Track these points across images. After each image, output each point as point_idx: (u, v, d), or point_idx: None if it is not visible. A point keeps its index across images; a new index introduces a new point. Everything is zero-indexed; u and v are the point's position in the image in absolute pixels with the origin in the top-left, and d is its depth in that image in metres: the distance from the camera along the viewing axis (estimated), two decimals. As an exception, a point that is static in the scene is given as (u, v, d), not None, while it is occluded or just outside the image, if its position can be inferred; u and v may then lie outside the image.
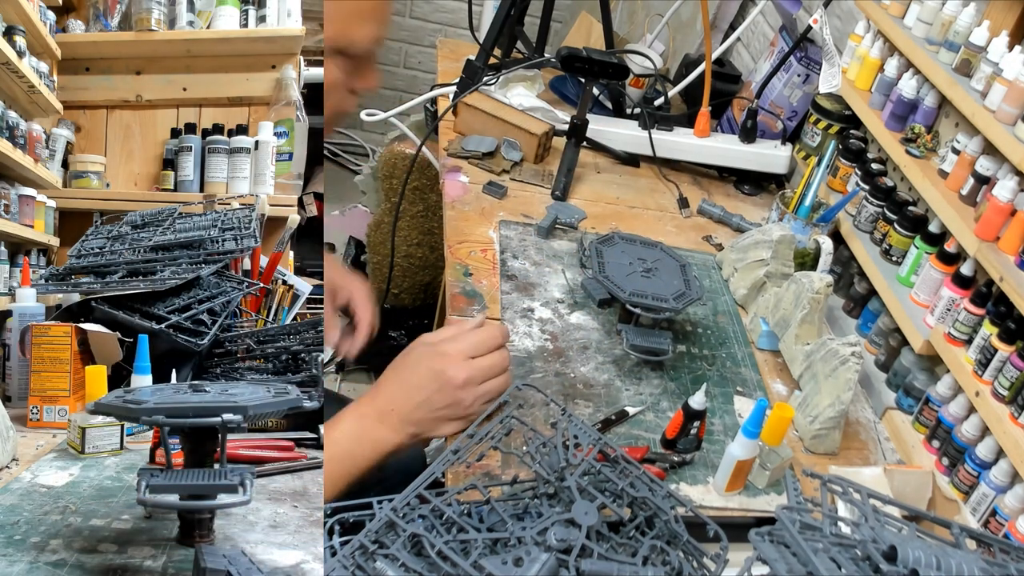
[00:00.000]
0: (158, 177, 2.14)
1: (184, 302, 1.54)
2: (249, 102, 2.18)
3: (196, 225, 1.71)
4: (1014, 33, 1.21)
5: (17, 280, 1.89)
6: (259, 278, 1.81)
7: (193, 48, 2.13)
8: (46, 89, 1.97)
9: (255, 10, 2.13)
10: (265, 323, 1.78)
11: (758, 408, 1.00)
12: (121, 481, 1.12)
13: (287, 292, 1.86)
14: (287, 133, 2.14)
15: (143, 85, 2.16)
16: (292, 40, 2.14)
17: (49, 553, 0.87)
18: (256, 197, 1.97)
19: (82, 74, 2.15)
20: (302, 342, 1.51)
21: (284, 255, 1.91)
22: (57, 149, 2.09)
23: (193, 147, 2.08)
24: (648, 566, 0.73)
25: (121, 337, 1.44)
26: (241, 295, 1.66)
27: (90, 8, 2.14)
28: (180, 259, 1.61)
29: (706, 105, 1.72)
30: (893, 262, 1.38)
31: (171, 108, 2.18)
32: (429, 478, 0.80)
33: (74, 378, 1.37)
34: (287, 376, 1.48)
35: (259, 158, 2.07)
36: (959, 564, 0.68)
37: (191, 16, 2.12)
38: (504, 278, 1.34)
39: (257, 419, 0.94)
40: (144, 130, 2.18)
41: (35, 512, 0.98)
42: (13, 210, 1.88)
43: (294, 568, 0.89)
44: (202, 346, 1.47)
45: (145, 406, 0.87)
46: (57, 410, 1.36)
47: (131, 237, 1.71)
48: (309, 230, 2.10)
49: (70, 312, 1.51)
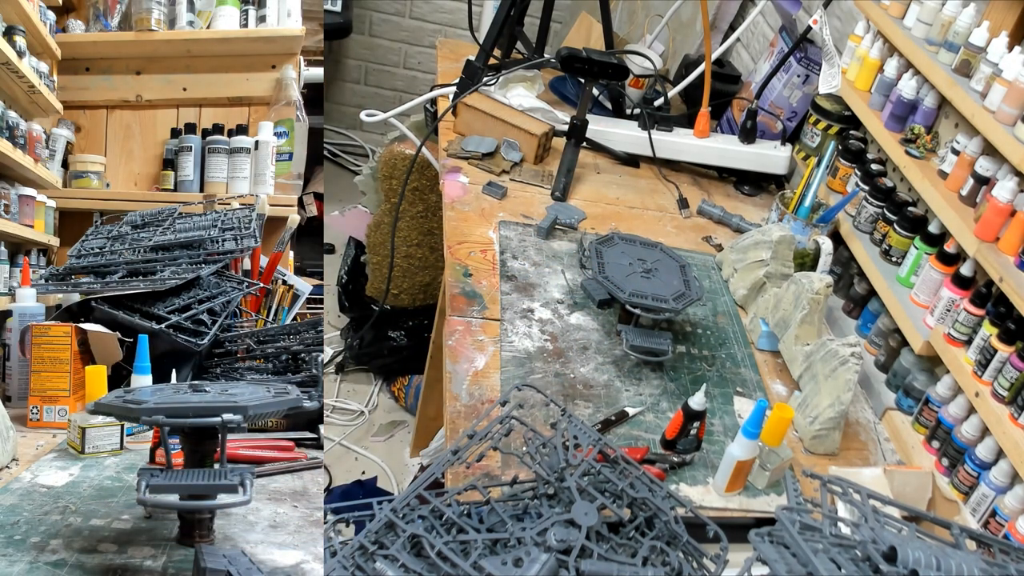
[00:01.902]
0: (158, 177, 2.14)
1: (184, 302, 1.54)
2: (249, 102, 2.18)
3: (196, 225, 1.71)
4: (1014, 34, 1.21)
5: (17, 280, 1.89)
6: (259, 278, 1.81)
7: (193, 48, 2.13)
8: (46, 89, 1.97)
9: (255, 10, 2.13)
10: (265, 323, 1.78)
11: (758, 409, 1.00)
12: (121, 481, 1.12)
13: (287, 292, 1.86)
14: (287, 133, 2.14)
15: (143, 85, 2.16)
16: (292, 40, 2.14)
17: (49, 553, 0.87)
18: (256, 197, 1.97)
19: (82, 74, 2.15)
20: (302, 342, 1.51)
21: (284, 255, 1.91)
22: (57, 149, 2.09)
23: (193, 147, 2.08)
24: (648, 566, 0.73)
25: (121, 337, 1.44)
26: (241, 295, 1.66)
27: (90, 8, 2.14)
28: (180, 259, 1.61)
29: (706, 105, 1.72)
30: (893, 263, 1.38)
31: (171, 108, 2.18)
32: (429, 478, 0.80)
33: (74, 378, 1.37)
34: (287, 376, 1.48)
35: (259, 158, 2.08)
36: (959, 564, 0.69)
37: (191, 16, 2.12)
38: (504, 279, 1.34)
39: (257, 419, 0.94)
40: (144, 130, 2.18)
41: (35, 512, 0.98)
42: (13, 210, 1.88)
43: (294, 568, 0.89)
44: (202, 346, 1.47)
45: (145, 406, 0.87)
46: (57, 410, 1.36)
47: (131, 237, 1.71)
48: (309, 230, 2.11)
49: (70, 312, 1.51)
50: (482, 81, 1.63)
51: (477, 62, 1.66)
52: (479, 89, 1.64)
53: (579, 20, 2.19)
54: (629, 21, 2.38)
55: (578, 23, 2.19)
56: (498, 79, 1.68)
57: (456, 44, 2.13)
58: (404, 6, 3.18)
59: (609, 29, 1.88)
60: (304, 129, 2.16)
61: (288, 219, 1.95)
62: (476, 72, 1.65)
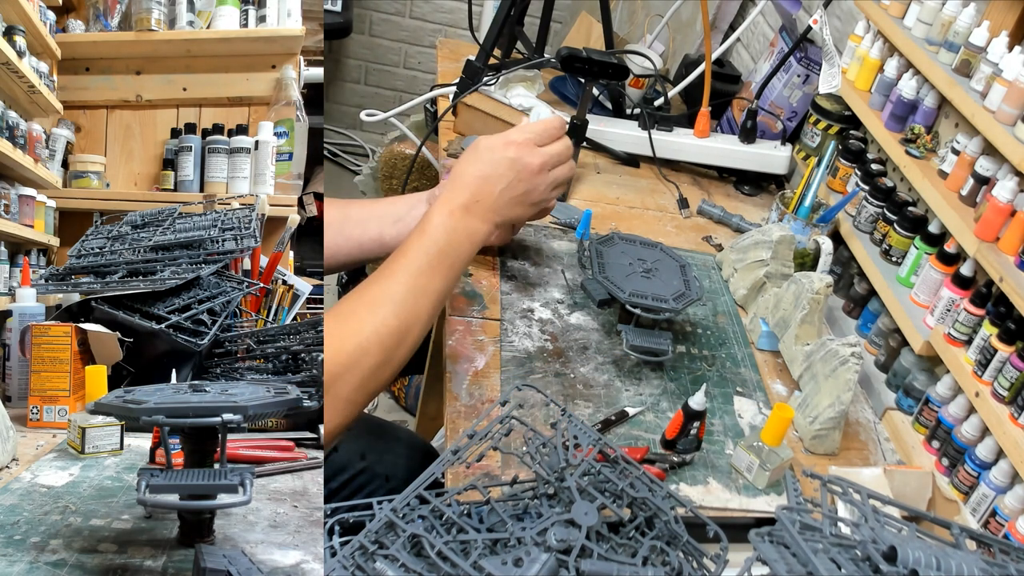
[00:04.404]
0: (158, 177, 2.14)
1: (184, 302, 1.54)
2: (249, 102, 2.18)
3: (196, 225, 1.71)
4: (1014, 33, 1.21)
5: (17, 280, 1.89)
6: (259, 278, 1.81)
7: (193, 48, 2.13)
8: (46, 89, 1.97)
9: (255, 10, 2.13)
10: (265, 323, 1.78)
11: (585, 216, 1.18)
12: (121, 481, 1.12)
13: (287, 292, 1.86)
14: (287, 133, 2.14)
15: (143, 85, 2.16)
16: (292, 40, 2.13)
17: (49, 553, 0.87)
18: (256, 197, 1.97)
19: (82, 74, 2.15)
20: (302, 342, 1.51)
21: (284, 255, 1.91)
22: (57, 149, 2.09)
23: (193, 147, 2.08)
24: (648, 566, 0.73)
25: (121, 337, 1.44)
26: (241, 295, 1.66)
27: (90, 8, 2.14)
28: (180, 259, 1.61)
29: (706, 105, 1.72)
30: (893, 262, 1.38)
31: (171, 108, 2.18)
32: (429, 478, 0.80)
33: (74, 378, 1.37)
34: (287, 376, 1.48)
35: (259, 158, 2.07)
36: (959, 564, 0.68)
37: (191, 16, 2.12)
38: (504, 278, 1.34)
39: (257, 419, 0.94)
40: (144, 130, 2.18)
41: (35, 512, 0.98)
42: (13, 210, 1.88)
43: (294, 568, 0.89)
44: (202, 346, 1.47)
45: (145, 406, 0.87)
46: (57, 410, 1.36)
47: (131, 237, 1.71)
48: (309, 230, 2.10)
49: (70, 312, 1.51)
50: (482, 81, 1.63)
51: (477, 62, 1.66)
52: (479, 89, 1.64)
53: (579, 20, 2.19)
54: (629, 21, 2.38)
55: (578, 23, 2.19)
56: (498, 79, 1.68)
57: (456, 44, 2.13)
58: (404, 6, 3.18)
59: (609, 29, 1.88)
60: (304, 129, 2.16)
61: (288, 219, 1.95)
62: (476, 72, 1.65)
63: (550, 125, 1.09)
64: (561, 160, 1.10)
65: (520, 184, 1.06)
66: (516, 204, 1.07)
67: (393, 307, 0.96)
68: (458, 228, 1.03)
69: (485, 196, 1.04)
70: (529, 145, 1.07)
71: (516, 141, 1.07)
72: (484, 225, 1.05)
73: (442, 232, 1.01)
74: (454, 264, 1.02)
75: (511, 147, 1.06)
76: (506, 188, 1.05)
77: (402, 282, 0.98)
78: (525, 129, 1.09)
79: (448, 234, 1.02)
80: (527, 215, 1.11)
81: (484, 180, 1.05)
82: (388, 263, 1.01)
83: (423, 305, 0.99)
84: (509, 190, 1.06)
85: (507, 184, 1.05)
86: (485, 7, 2.58)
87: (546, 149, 1.08)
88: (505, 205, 1.06)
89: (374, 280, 0.99)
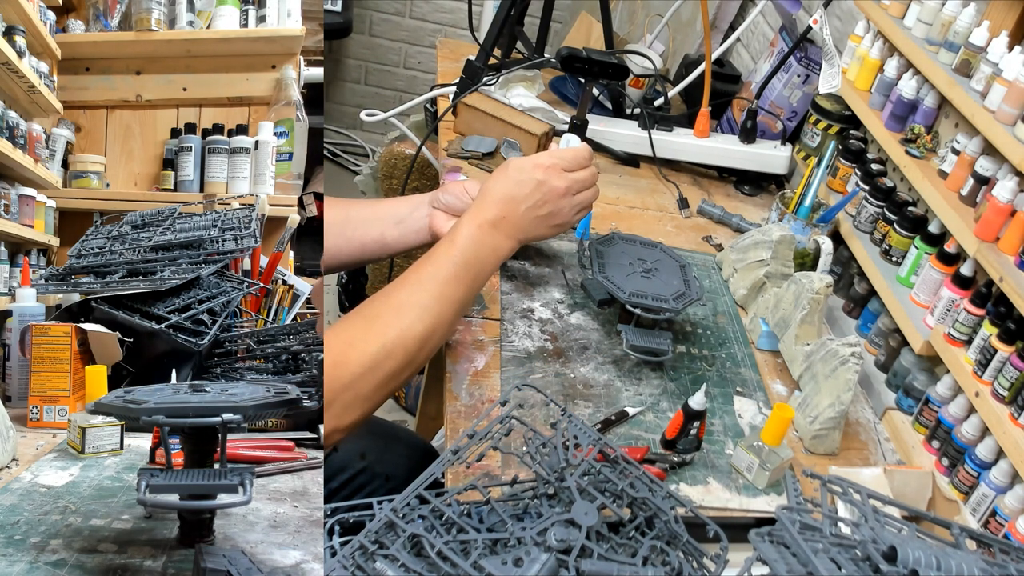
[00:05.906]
0: (158, 177, 2.13)
1: (184, 302, 1.54)
2: (249, 102, 2.18)
3: (196, 225, 1.71)
4: (1014, 33, 1.21)
5: (17, 280, 1.89)
6: (259, 278, 1.81)
7: (193, 48, 2.13)
8: (46, 89, 1.97)
9: (255, 10, 2.13)
10: (265, 323, 1.78)
11: (585, 217, 1.20)
12: (121, 481, 1.12)
13: (287, 292, 1.86)
14: (287, 133, 2.14)
15: (143, 85, 2.16)
16: (292, 40, 2.13)
17: (49, 553, 0.87)
18: (256, 197, 1.97)
19: (82, 74, 2.15)
20: (302, 342, 1.51)
21: (284, 255, 1.91)
22: (57, 149, 2.09)
23: (193, 147, 2.08)
24: (648, 566, 0.73)
25: (121, 337, 1.44)
26: (241, 295, 1.66)
27: (90, 8, 2.14)
28: (180, 259, 1.61)
29: (706, 105, 1.72)
30: (893, 262, 1.38)
31: (171, 108, 2.18)
32: (429, 478, 0.80)
33: (74, 378, 1.37)
34: (287, 376, 1.48)
35: (259, 158, 2.07)
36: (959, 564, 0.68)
37: (191, 16, 2.12)
38: (504, 278, 1.34)
39: (257, 419, 0.94)
40: (144, 130, 2.18)
41: (35, 512, 0.98)
42: (13, 210, 1.88)
43: (294, 568, 0.89)
44: (202, 346, 1.47)
45: (145, 406, 0.87)
46: (57, 410, 1.36)
47: (131, 237, 1.71)
48: (309, 230, 2.10)
49: (70, 312, 1.51)
50: (482, 81, 1.63)
51: (477, 62, 1.66)
52: (479, 89, 1.64)
53: (579, 20, 2.19)
54: (629, 21, 2.38)
55: (578, 23, 2.19)
56: (498, 79, 1.68)
57: (456, 44, 2.13)
58: (404, 6, 3.18)
59: (609, 29, 1.88)
60: (304, 129, 2.15)
61: (288, 219, 1.95)
62: (476, 72, 1.65)
63: (579, 154, 1.13)
64: (586, 186, 1.13)
65: (545, 205, 1.09)
66: (540, 224, 1.10)
67: (419, 313, 0.99)
68: (485, 242, 1.06)
69: (511, 214, 1.08)
70: (556, 169, 1.10)
71: (544, 164, 1.10)
72: (509, 241, 1.08)
73: (470, 244, 1.05)
74: (478, 276, 1.06)
75: (539, 169, 1.09)
76: (531, 207, 1.08)
77: (428, 290, 1.01)
78: (554, 154, 1.12)
79: (476, 247, 1.05)
80: (549, 235, 1.14)
81: (511, 199, 1.08)
82: (415, 270, 1.04)
83: (447, 313, 1.02)
84: (534, 209, 1.09)
85: (533, 204, 1.08)
86: (485, 7, 2.58)
87: (573, 175, 1.11)
88: (530, 224, 1.09)
89: (401, 285, 1.02)
